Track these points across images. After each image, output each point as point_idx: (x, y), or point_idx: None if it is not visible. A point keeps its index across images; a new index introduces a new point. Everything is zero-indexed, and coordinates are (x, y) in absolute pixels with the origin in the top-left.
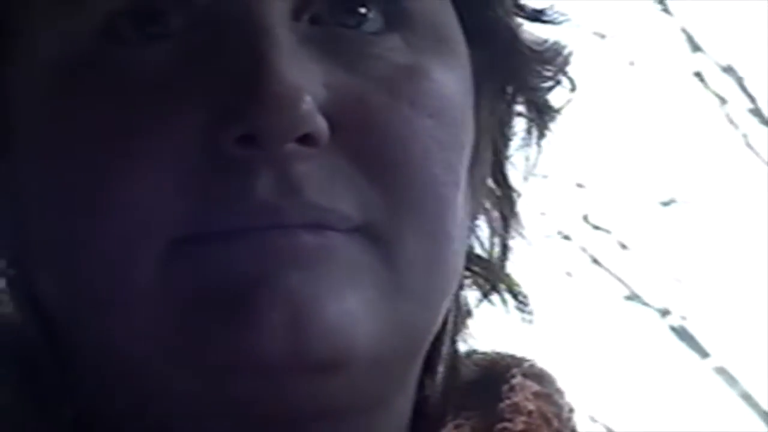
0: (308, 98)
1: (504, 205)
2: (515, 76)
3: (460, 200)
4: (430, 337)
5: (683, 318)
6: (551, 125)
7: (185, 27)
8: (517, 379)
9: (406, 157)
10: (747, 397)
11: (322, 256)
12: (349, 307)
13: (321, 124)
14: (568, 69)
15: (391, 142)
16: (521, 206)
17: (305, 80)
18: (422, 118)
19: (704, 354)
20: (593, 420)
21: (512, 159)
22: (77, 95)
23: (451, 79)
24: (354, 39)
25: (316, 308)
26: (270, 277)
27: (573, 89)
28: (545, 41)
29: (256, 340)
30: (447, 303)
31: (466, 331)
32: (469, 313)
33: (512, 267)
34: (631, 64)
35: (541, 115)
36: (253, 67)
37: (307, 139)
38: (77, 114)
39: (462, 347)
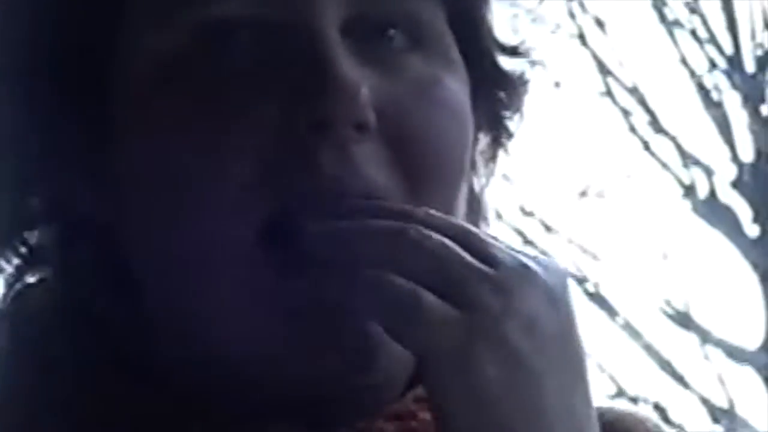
0: (365, 91)
1: (474, 204)
2: (496, 93)
3: (464, 189)
4: None
5: (597, 285)
6: (507, 141)
7: (257, 38)
8: None
9: (431, 147)
10: (648, 348)
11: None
12: None
13: (372, 115)
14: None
15: (420, 134)
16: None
17: (361, 79)
18: (442, 117)
19: (614, 313)
20: None
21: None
22: (173, 94)
23: (459, 89)
24: (386, 53)
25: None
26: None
27: (525, 111)
28: (515, 71)
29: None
30: None
31: None
32: None
33: None
34: (557, 84)
35: (501, 131)
36: (319, 66)
37: (360, 126)
38: (173, 108)
39: None
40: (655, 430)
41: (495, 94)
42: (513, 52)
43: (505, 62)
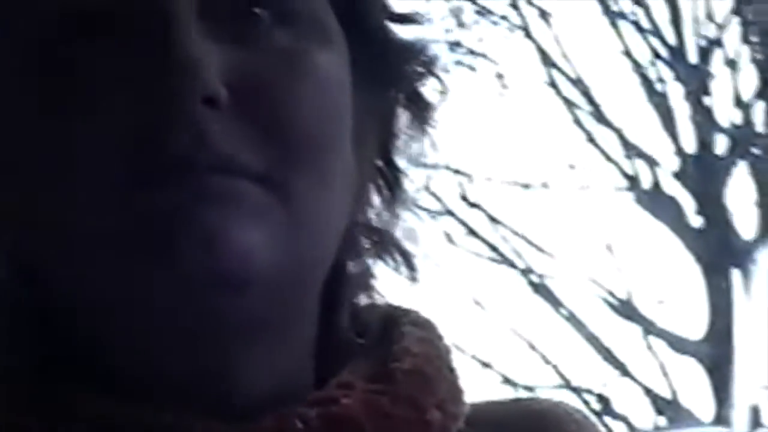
0: (207, 67)
1: (392, 182)
2: (387, 67)
3: (343, 163)
4: (321, 270)
5: (541, 277)
6: (431, 117)
7: (116, 26)
8: (406, 327)
9: (293, 120)
10: (592, 339)
11: (230, 196)
12: (252, 238)
13: (219, 89)
14: (435, 67)
15: (280, 107)
16: (413, 186)
17: (206, 55)
18: (308, 90)
19: (558, 305)
20: (474, 358)
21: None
22: (35, 79)
23: (330, 62)
24: (250, 31)
25: (226, 237)
26: (187, 214)
27: (444, 86)
28: (412, 41)
29: (179, 262)
30: (334, 242)
31: (372, 290)
32: (370, 274)
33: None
34: (500, 76)
35: (419, 107)
36: (164, 47)
37: (210, 102)
38: (37, 92)
39: (365, 301)
40: (584, 422)
41: (394, 65)
42: (405, 20)
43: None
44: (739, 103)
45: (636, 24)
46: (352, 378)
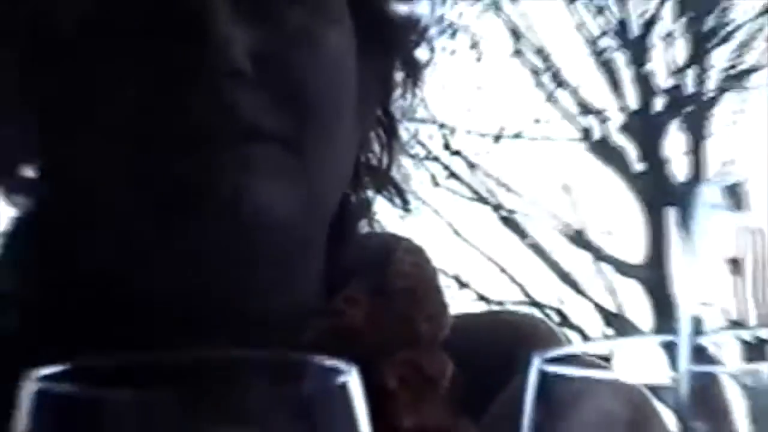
0: (238, 43)
1: (389, 131)
2: (387, 38)
3: (348, 120)
4: (331, 209)
5: (510, 212)
6: (421, 78)
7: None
8: (400, 253)
9: (307, 89)
10: (551, 263)
11: (255, 159)
12: (275, 192)
13: (246, 63)
14: (425, 36)
15: (297, 78)
16: (405, 135)
17: (235, 33)
18: (317, 62)
19: (523, 235)
20: (455, 279)
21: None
22: (79, 51)
23: (337, 36)
24: (269, 10)
25: (253, 194)
26: (218, 176)
27: (432, 52)
28: (407, 15)
29: (211, 216)
30: (341, 187)
31: (373, 219)
32: (369, 205)
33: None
34: (475, 45)
35: (412, 69)
36: (198, 21)
37: (234, 74)
38: (79, 61)
39: (366, 229)
40: (550, 330)
41: (393, 36)
42: None
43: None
44: (674, 69)
45: (589, 2)
46: (355, 293)
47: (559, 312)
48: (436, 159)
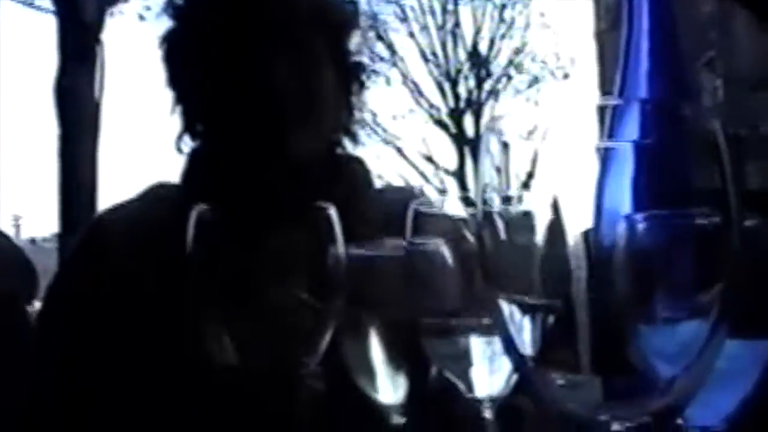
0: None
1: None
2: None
3: (330, 86)
4: (331, 136)
5: None
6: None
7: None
8: (353, 163)
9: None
10: None
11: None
12: (302, 145)
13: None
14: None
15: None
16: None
17: None
18: (314, 55)
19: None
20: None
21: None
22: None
23: (323, 45)
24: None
25: (290, 148)
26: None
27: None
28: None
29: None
30: (330, 135)
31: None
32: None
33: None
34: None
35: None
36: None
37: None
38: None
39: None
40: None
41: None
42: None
43: None
44: None
45: None
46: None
47: None
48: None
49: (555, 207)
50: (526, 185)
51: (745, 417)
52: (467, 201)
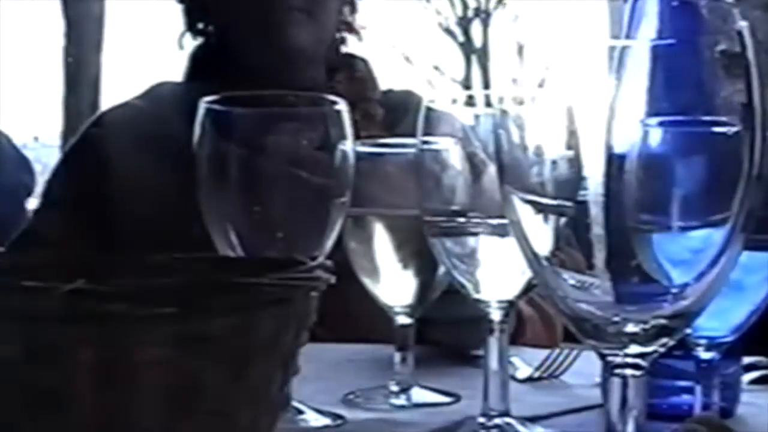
0: None
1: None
2: None
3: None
4: (329, 41)
5: None
6: None
7: None
8: (356, 60)
9: None
10: None
11: (294, 19)
12: (304, 36)
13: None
14: None
15: None
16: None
17: None
18: None
19: None
20: None
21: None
22: None
23: None
24: None
25: (294, 38)
26: (276, 26)
27: None
28: None
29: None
30: (334, 30)
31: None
32: (343, 40)
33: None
34: None
35: None
36: None
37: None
38: None
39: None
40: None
41: None
42: None
43: None
44: None
45: None
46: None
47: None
48: None
49: (569, 109)
50: (540, 86)
51: (751, 329)
52: (473, 103)
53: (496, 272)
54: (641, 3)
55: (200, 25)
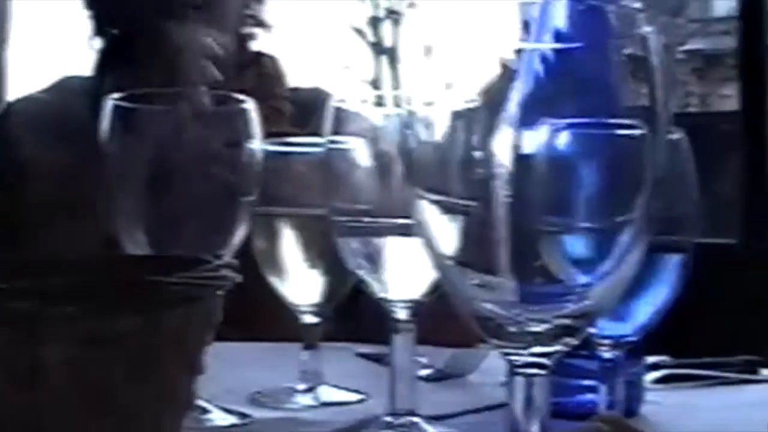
0: None
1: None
2: None
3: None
4: (234, 32)
5: None
6: None
7: None
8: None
9: None
10: None
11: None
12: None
13: None
14: None
15: None
16: None
17: None
18: None
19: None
20: None
21: None
22: None
23: None
24: None
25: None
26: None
27: None
28: None
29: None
30: (237, 23)
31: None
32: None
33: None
34: None
35: None
36: None
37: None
38: None
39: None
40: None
41: None
42: None
43: None
44: None
45: None
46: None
47: None
48: None
49: (477, 108)
50: (448, 87)
51: (657, 328)
52: (382, 103)
53: (403, 272)
54: (550, 6)
55: (106, 29)
